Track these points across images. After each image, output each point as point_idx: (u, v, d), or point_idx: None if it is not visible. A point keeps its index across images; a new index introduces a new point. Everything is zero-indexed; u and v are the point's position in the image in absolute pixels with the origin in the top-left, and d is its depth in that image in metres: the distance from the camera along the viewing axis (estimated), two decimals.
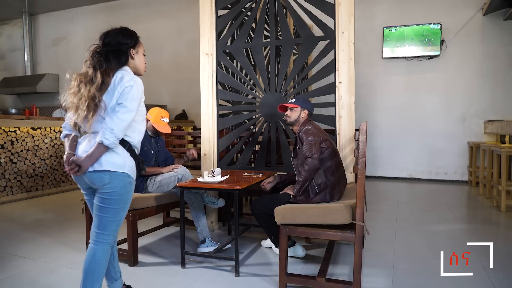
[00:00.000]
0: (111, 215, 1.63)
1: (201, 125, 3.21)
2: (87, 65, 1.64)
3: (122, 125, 1.55)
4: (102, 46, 1.66)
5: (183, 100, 7.45)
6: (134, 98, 1.59)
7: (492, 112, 5.58)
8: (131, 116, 1.58)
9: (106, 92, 1.58)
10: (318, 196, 2.22)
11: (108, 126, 1.54)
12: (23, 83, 8.72)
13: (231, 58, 3.38)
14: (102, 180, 1.57)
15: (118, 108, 1.56)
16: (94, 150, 1.54)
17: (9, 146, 4.49)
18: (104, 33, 1.68)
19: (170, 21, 7.65)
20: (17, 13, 8.87)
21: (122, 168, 1.60)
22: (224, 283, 2.19)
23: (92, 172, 1.57)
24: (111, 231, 1.66)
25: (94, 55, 1.63)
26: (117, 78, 1.60)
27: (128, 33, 1.70)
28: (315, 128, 2.35)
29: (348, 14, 2.78)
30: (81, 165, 1.54)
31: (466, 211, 4.13)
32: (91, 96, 1.54)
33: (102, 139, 1.52)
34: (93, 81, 1.56)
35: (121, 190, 1.61)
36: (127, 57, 1.68)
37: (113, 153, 1.59)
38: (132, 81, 1.60)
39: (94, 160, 1.55)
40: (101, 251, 1.64)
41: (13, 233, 3.21)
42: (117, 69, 1.63)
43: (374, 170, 6.28)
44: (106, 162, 1.57)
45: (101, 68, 1.59)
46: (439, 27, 5.66)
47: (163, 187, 2.68)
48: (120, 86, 1.58)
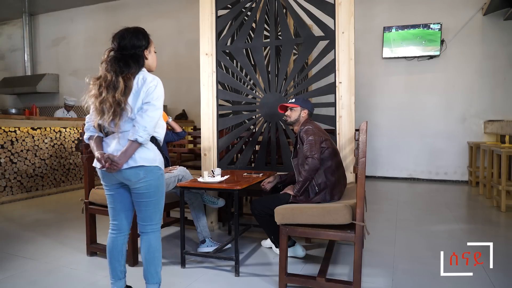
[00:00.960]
0: (153, 207, 1.77)
1: (201, 125, 3.21)
2: (104, 68, 1.68)
3: (153, 122, 1.66)
4: (118, 49, 1.71)
5: (183, 100, 7.45)
6: (159, 96, 1.69)
7: (492, 112, 5.58)
8: (159, 113, 1.69)
9: (131, 94, 1.65)
10: (318, 196, 2.22)
11: (140, 124, 1.63)
12: (23, 83, 8.72)
13: (231, 58, 3.38)
14: (137, 175, 1.68)
15: (147, 106, 1.65)
16: (128, 148, 1.64)
17: (9, 146, 4.49)
18: (118, 36, 1.72)
19: (170, 21, 7.65)
20: (17, 13, 8.87)
21: (154, 162, 1.72)
22: (224, 283, 2.19)
23: (128, 169, 1.67)
24: (157, 220, 1.81)
25: (113, 61, 1.68)
26: (139, 79, 1.68)
27: (142, 34, 1.76)
28: (315, 128, 2.35)
29: (348, 14, 2.78)
30: (118, 161, 1.63)
31: (466, 211, 4.13)
32: (117, 102, 1.61)
33: (136, 137, 1.62)
34: (115, 86, 1.62)
35: (155, 182, 1.74)
36: (143, 59, 1.75)
37: (145, 149, 1.70)
38: (155, 80, 1.70)
39: (128, 157, 1.65)
40: (155, 239, 1.80)
41: (13, 233, 3.21)
42: (137, 72, 1.70)
43: (374, 170, 6.28)
44: (140, 158, 1.67)
45: (122, 73, 1.65)
46: (439, 27, 5.66)
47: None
48: (144, 86, 1.66)
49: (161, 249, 1.83)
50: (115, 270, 1.85)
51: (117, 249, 1.84)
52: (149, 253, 1.79)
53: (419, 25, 5.78)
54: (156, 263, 1.80)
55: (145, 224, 1.79)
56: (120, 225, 1.84)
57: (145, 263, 1.80)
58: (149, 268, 1.80)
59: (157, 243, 1.81)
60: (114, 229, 1.85)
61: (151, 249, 1.79)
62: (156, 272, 1.81)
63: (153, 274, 1.80)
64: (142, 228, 1.80)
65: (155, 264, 1.80)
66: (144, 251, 1.80)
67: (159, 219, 1.82)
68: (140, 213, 1.78)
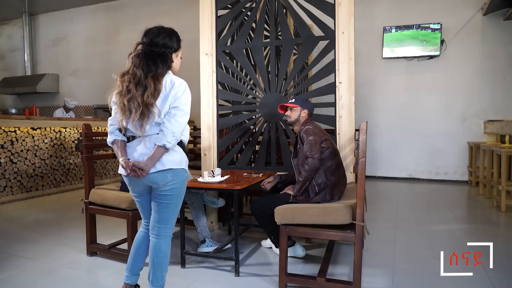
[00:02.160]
0: (172, 210, 1.74)
1: (201, 125, 3.21)
2: (132, 63, 1.63)
3: (181, 127, 1.64)
4: (148, 45, 1.65)
5: None
6: (187, 101, 1.67)
7: (492, 112, 5.58)
8: (187, 119, 1.67)
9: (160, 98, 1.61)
10: (318, 195, 2.22)
11: (169, 129, 1.59)
12: (23, 83, 8.72)
13: (231, 58, 3.38)
14: (165, 178, 1.66)
15: (175, 111, 1.61)
16: (155, 153, 1.60)
17: (9, 146, 4.49)
18: (152, 32, 1.67)
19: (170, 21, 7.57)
20: (17, 13, 8.87)
21: (181, 164, 1.71)
22: (224, 283, 2.19)
23: (156, 173, 1.63)
24: (172, 224, 1.78)
25: (141, 56, 1.63)
26: (167, 82, 1.64)
27: (175, 36, 1.74)
28: (315, 128, 2.35)
29: (348, 14, 2.78)
30: (143, 168, 1.59)
31: (466, 211, 4.13)
32: (146, 104, 1.56)
33: (164, 143, 1.59)
34: (144, 86, 1.58)
35: (181, 185, 1.73)
36: (171, 61, 1.72)
37: (172, 152, 1.67)
38: (184, 85, 1.67)
39: (155, 162, 1.61)
40: (165, 244, 1.77)
41: (13, 233, 3.21)
42: (165, 74, 1.66)
43: (374, 170, 6.28)
44: (167, 161, 1.64)
45: (150, 72, 1.60)
46: (439, 27, 5.66)
47: None
48: (173, 90, 1.63)
49: (169, 255, 1.80)
50: (135, 265, 1.84)
51: (145, 245, 1.84)
52: (158, 258, 1.75)
53: (419, 25, 5.78)
54: (163, 267, 1.77)
55: (160, 226, 1.75)
56: None
57: (152, 266, 1.77)
58: (155, 272, 1.76)
59: (167, 249, 1.78)
60: (147, 228, 1.84)
61: (161, 254, 1.75)
62: (162, 276, 1.78)
63: (158, 277, 1.77)
64: (156, 231, 1.75)
65: (162, 268, 1.77)
66: (153, 254, 1.76)
67: (173, 224, 1.79)
68: (157, 214, 1.74)
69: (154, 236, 1.76)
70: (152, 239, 1.77)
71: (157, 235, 1.75)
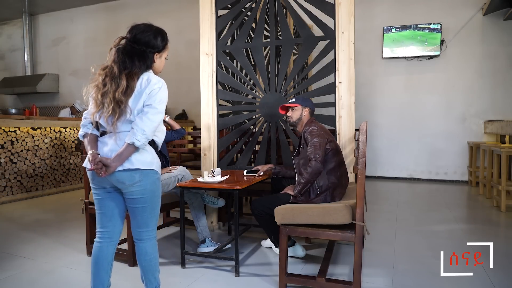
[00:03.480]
0: (149, 213, 1.67)
1: (201, 125, 3.21)
2: (112, 58, 1.58)
3: (153, 126, 1.56)
4: (130, 41, 1.60)
5: (183, 100, 7.44)
6: (162, 100, 1.59)
7: (492, 112, 5.58)
8: (160, 117, 1.59)
9: (133, 95, 1.56)
10: (319, 197, 2.22)
11: (139, 127, 1.53)
12: (23, 83, 8.72)
13: (231, 58, 3.38)
14: (132, 178, 1.58)
15: (147, 109, 1.55)
16: (123, 150, 1.54)
17: (9, 146, 4.49)
18: (137, 28, 1.62)
19: (170, 21, 7.63)
20: (17, 13, 8.87)
21: (151, 165, 1.62)
22: (224, 283, 2.19)
23: (123, 171, 1.56)
24: (153, 226, 1.71)
25: (120, 51, 1.58)
26: (143, 80, 1.58)
27: (161, 36, 1.66)
28: (320, 129, 2.32)
29: (348, 14, 2.78)
30: (110, 165, 1.52)
31: (466, 211, 4.13)
32: (117, 101, 1.51)
33: (133, 140, 1.52)
34: (118, 82, 1.53)
35: (151, 187, 1.64)
36: (152, 61, 1.65)
37: (143, 151, 1.60)
38: (160, 83, 1.59)
39: (123, 161, 1.54)
40: (150, 247, 1.70)
41: (13, 233, 3.21)
42: (142, 73, 1.60)
43: (374, 170, 6.28)
44: (136, 161, 1.57)
45: (125, 69, 1.55)
46: (439, 27, 5.66)
47: (163, 188, 2.67)
48: (148, 88, 1.56)
49: (157, 255, 1.75)
50: (102, 284, 1.70)
51: (107, 260, 1.70)
52: (146, 261, 1.70)
53: (419, 25, 5.78)
54: (153, 269, 1.73)
55: (140, 230, 1.68)
56: (112, 233, 1.71)
57: (142, 270, 1.72)
58: (147, 274, 1.72)
59: (154, 251, 1.72)
60: (103, 237, 1.70)
61: (148, 257, 1.70)
62: (155, 278, 1.74)
63: (151, 279, 1.73)
64: (138, 235, 1.69)
65: (152, 270, 1.73)
66: (141, 258, 1.70)
67: (155, 225, 1.73)
68: (135, 219, 1.67)
69: (137, 241, 1.70)
70: (136, 244, 1.71)
71: (140, 239, 1.69)
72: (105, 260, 1.69)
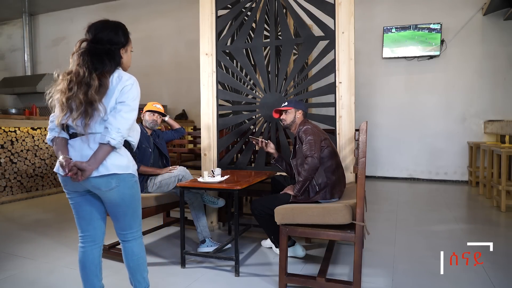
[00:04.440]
0: (131, 216, 1.63)
1: (201, 125, 3.21)
2: (76, 62, 1.52)
3: (128, 123, 1.50)
4: (92, 42, 1.54)
5: (183, 100, 7.45)
6: (135, 97, 1.54)
7: (492, 112, 5.58)
8: (134, 115, 1.54)
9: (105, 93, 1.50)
10: (318, 195, 2.23)
11: (113, 125, 1.46)
12: (23, 83, 8.72)
13: (231, 58, 3.38)
14: (109, 184, 1.51)
15: (121, 107, 1.49)
16: (99, 152, 1.46)
17: (9, 146, 4.49)
18: (95, 26, 1.56)
19: (170, 21, 7.65)
20: (17, 13, 8.87)
21: (127, 169, 1.56)
22: (224, 283, 2.19)
23: (98, 177, 1.48)
24: (137, 227, 1.67)
25: (85, 54, 1.51)
26: (114, 77, 1.52)
27: (122, 30, 1.60)
28: (314, 128, 2.36)
29: (348, 14, 2.78)
30: (86, 169, 1.44)
31: (466, 211, 4.13)
32: (90, 101, 1.45)
33: (108, 139, 1.45)
34: (88, 84, 1.46)
35: (130, 191, 1.58)
36: (120, 57, 1.59)
37: (117, 155, 1.53)
38: (132, 79, 1.55)
39: (99, 163, 1.47)
40: (137, 246, 1.68)
41: (13, 233, 3.21)
42: (113, 71, 1.54)
43: (374, 170, 6.28)
44: (111, 165, 1.50)
45: (96, 70, 1.49)
46: (439, 27, 5.66)
47: (163, 188, 2.68)
48: (120, 85, 1.51)
49: (145, 255, 1.72)
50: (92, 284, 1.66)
51: (94, 263, 1.66)
52: (133, 261, 1.67)
53: (419, 25, 5.78)
54: (142, 269, 1.69)
55: (125, 233, 1.65)
56: (94, 236, 1.66)
57: (130, 270, 1.69)
58: (135, 275, 1.69)
59: (141, 250, 1.69)
60: (87, 241, 1.65)
61: (135, 257, 1.67)
62: (143, 278, 1.71)
63: (140, 280, 1.70)
64: (122, 237, 1.66)
65: (140, 270, 1.69)
66: (128, 259, 1.67)
67: (139, 226, 1.69)
68: (118, 223, 1.63)
69: (123, 242, 1.67)
70: (122, 245, 1.68)
71: (125, 240, 1.66)
72: (92, 264, 1.66)
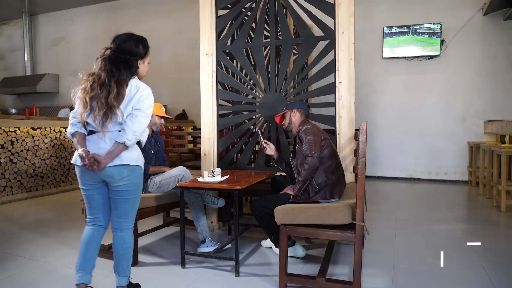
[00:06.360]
0: (131, 205, 1.84)
1: (201, 125, 3.21)
2: (99, 66, 1.74)
3: (142, 127, 1.74)
4: (114, 51, 1.76)
5: (183, 100, 7.45)
6: (150, 105, 1.78)
7: (492, 112, 5.58)
8: (148, 120, 1.78)
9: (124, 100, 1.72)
10: (318, 194, 2.23)
11: (130, 128, 1.70)
12: (23, 83, 8.72)
13: (231, 58, 3.38)
14: (121, 173, 1.74)
15: (137, 113, 1.73)
16: (115, 149, 1.70)
17: (9, 146, 4.49)
18: (120, 38, 1.79)
19: (170, 21, 7.65)
20: (17, 13, 8.87)
21: (138, 162, 1.80)
22: (224, 283, 2.19)
23: (113, 167, 1.71)
24: (132, 217, 1.88)
25: (107, 60, 1.73)
26: (132, 87, 1.75)
27: (142, 44, 1.82)
28: (314, 127, 2.35)
29: (348, 14, 2.78)
30: (101, 161, 1.66)
31: (466, 211, 4.13)
32: (110, 105, 1.67)
33: (125, 140, 1.69)
34: (108, 89, 1.68)
35: (137, 181, 1.82)
36: (136, 67, 1.81)
37: (131, 149, 1.76)
38: (148, 90, 1.78)
39: (114, 157, 1.70)
40: (128, 236, 1.87)
41: (13, 233, 3.21)
42: (129, 79, 1.76)
43: (374, 170, 6.28)
44: (125, 157, 1.73)
45: (113, 77, 1.70)
46: (439, 27, 5.66)
47: (163, 187, 2.68)
48: (137, 94, 1.74)
49: (132, 245, 1.91)
50: (89, 263, 1.85)
51: (96, 241, 1.87)
52: (123, 249, 1.85)
53: (419, 25, 5.78)
54: (128, 258, 1.88)
55: (121, 220, 1.84)
56: (102, 220, 1.88)
57: (117, 258, 1.86)
58: (121, 262, 1.86)
59: (131, 240, 1.88)
60: (95, 224, 1.88)
61: (125, 246, 1.85)
62: (128, 266, 1.89)
63: (124, 267, 1.87)
64: (118, 225, 1.85)
65: (127, 259, 1.87)
66: (118, 247, 1.85)
67: (134, 216, 1.89)
68: (117, 210, 1.83)
69: (116, 230, 1.85)
70: (114, 233, 1.86)
71: (119, 229, 1.85)
72: (95, 241, 1.87)
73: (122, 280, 1.88)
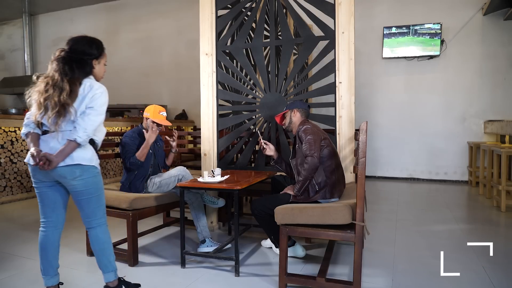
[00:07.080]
0: (95, 203, 1.84)
1: (201, 125, 3.21)
2: (53, 68, 1.76)
3: (94, 125, 1.74)
4: (67, 51, 1.79)
5: (183, 100, 7.45)
6: (103, 103, 1.77)
7: (492, 112, 5.58)
8: (101, 119, 1.78)
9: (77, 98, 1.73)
10: (318, 194, 2.23)
11: (81, 126, 1.70)
12: (23, 83, 8.65)
13: (231, 58, 3.38)
14: (73, 173, 1.74)
15: (89, 111, 1.73)
16: (66, 147, 1.70)
17: (9, 146, 4.49)
18: (72, 39, 1.84)
19: (170, 21, 7.65)
20: (17, 13, 8.87)
21: (91, 162, 1.79)
22: (224, 283, 2.19)
23: (64, 167, 1.72)
24: (101, 214, 1.89)
25: (59, 61, 1.75)
26: (86, 85, 1.76)
27: (96, 44, 1.86)
28: (314, 127, 2.36)
29: (348, 14, 2.78)
30: (53, 160, 1.67)
31: (466, 211, 4.13)
32: (63, 103, 1.68)
33: (75, 137, 1.69)
34: (61, 88, 1.70)
35: (93, 180, 1.81)
36: (91, 67, 1.83)
37: (83, 149, 1.77)
38: (102, 88, 1.78)
39: (65, 156, 1.70)
40: (102, 232, 1.88)
41: (13, 233, 3.21)
42: (83, 78, 1.77)
43: (374, 170, 6.28)
44: (77, 157, 1.74)
45: (66, 76, 1.72)
46: (439, 27, 5.66)
47: (163, 187, 2.68)
48: (90, 92, 1.74)
49: (110, 240, 1.91)
50: (51, 267, 1.91)
51: (53, 245, 1.93)
52: (98, 245, 1.87)
53: (419, 25, 5.78)
54: (107, 253, 1.89)
55: (90, 220, 1.86)
56: (56, 222, 1.92)
57: (97, 255, 1.89)
58: (101, 259, 1.89)
59: (105, 236, 1.89)
60: (49, 226, 1.93)
61: (100, 242, 1.87)
62: (109, 262, 1.90)
63: (106, 264, 1.90)
64: (88, 224, 1.87)
65: (106, 254, 1.89)
66: (93, 244, 1.88)
67: (103, 213, 1.90)
68: (83, 210, 1.84)
69: (89, 229, 1.88)
70: (88, 232, 1.89)
71: (91, 227, 1.87)
72: (51, 246, 1.93)
73: (109, 275, 1.91)
